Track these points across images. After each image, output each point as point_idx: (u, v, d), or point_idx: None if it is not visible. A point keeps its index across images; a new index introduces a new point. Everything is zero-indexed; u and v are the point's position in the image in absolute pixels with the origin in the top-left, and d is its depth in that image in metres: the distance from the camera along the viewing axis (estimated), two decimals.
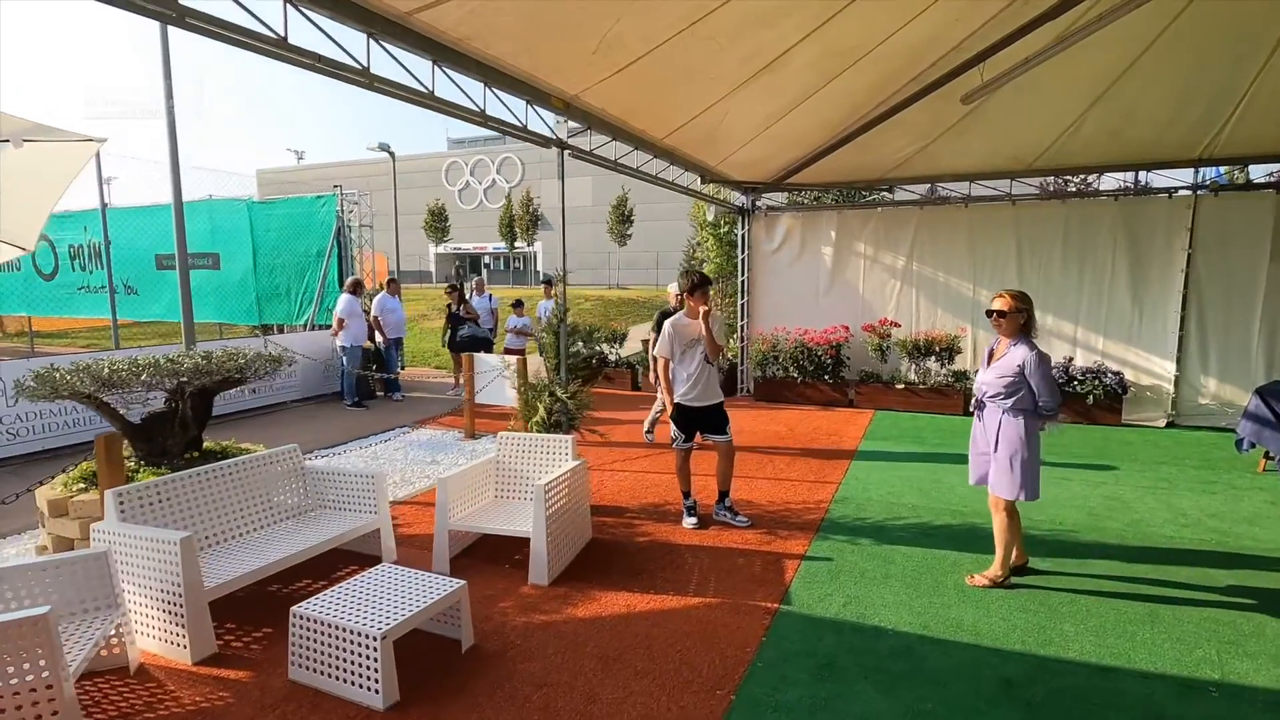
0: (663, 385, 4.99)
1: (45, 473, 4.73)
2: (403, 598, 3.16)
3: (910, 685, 3.08)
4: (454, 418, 8.69)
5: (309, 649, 3.06)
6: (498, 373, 7.50)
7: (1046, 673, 3.16)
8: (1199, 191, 7.95)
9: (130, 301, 13.27)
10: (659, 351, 5.00)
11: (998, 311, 3.83)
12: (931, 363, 8.90)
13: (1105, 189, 8.71)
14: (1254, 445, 6.01)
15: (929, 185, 9.18)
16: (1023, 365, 3.71)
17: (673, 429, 5.03)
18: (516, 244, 41.69)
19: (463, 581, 3.35)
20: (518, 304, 10.52)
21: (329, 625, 2.99)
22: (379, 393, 10.16)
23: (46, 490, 4.45)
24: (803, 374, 9.36)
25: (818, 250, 9.78)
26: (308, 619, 3.05)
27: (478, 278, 11.86)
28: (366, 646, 2.90)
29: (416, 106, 4.20)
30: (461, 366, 8.33)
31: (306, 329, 10.81)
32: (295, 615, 3.08)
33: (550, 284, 11.09)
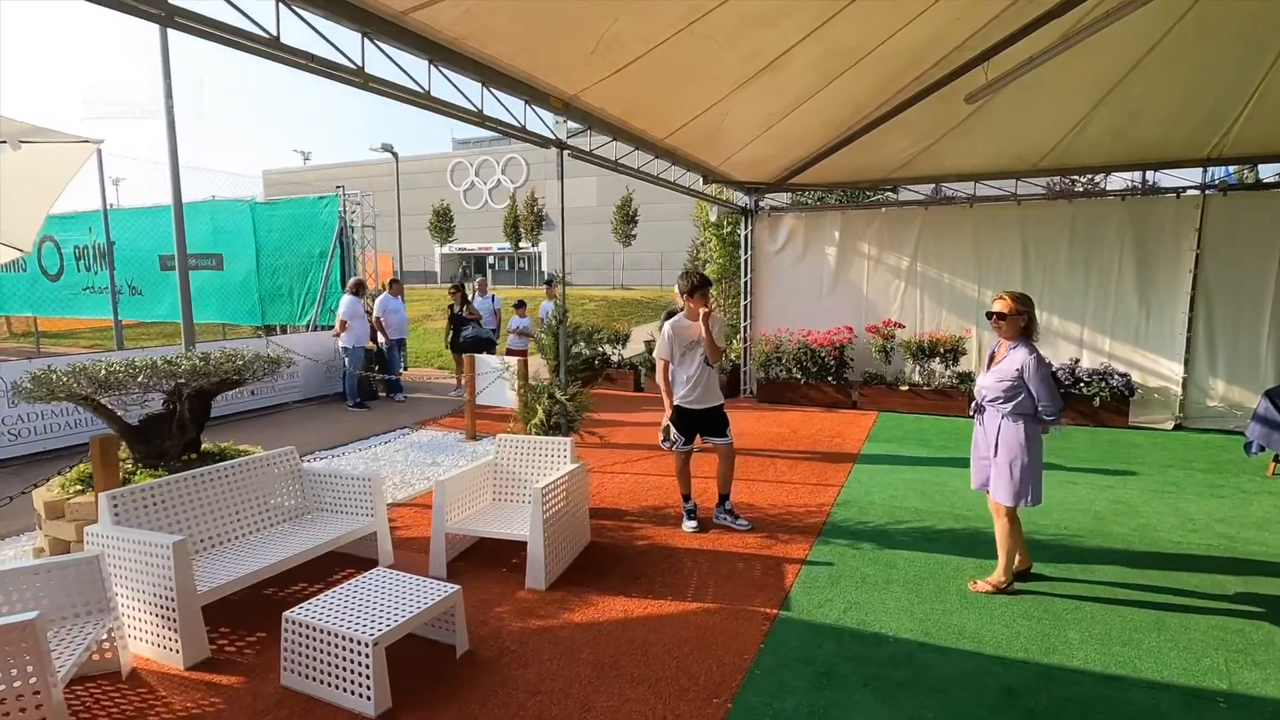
0: (662, 388, 4.95)
1: (46, 474, 4.72)
2: (396, 603, 3.13)
3: (911, 693, 3.03)
4: (455, 419, 8.66)
5: (301, 655, 3.03)
6: (498, 374, 7.47)
7: (1050, 681, 3.10)
8: (1207, 191, 7.85)
9: (134, 302, 13.31)
10: (658, 354, 4.96)
11: (997, 313, 3.77)
12: (936, 364, 8.83)
13: (1112, 189, 8.62)
14: (1263, 449, 5.93)
15: (933, 185, 9.11)
16: (1022, 369, 3.65)
17: (672, 431, 4.98)
18: (521, 244, 41.72)
19: (457, 587, 3.31)
20: (519, 305, 10.49)
21: (321, 631, 2.96)
22: (381, 394, 10.14)
23: (43, 492, 4.44)
24: (806, 375, 9.31)
25: (821, 251, 9.72)
26: (300, 624, 3.02)
27: (480, 278, 11.83)
28: (358, 653, 2.87)
29: (413, 107, 4.17)
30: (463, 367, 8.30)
31: (309, 330, 10.81)
32: (287, 620, 3.04)
33: (551, 284, 11.07)
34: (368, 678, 2.86)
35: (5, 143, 4.28)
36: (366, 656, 2.85)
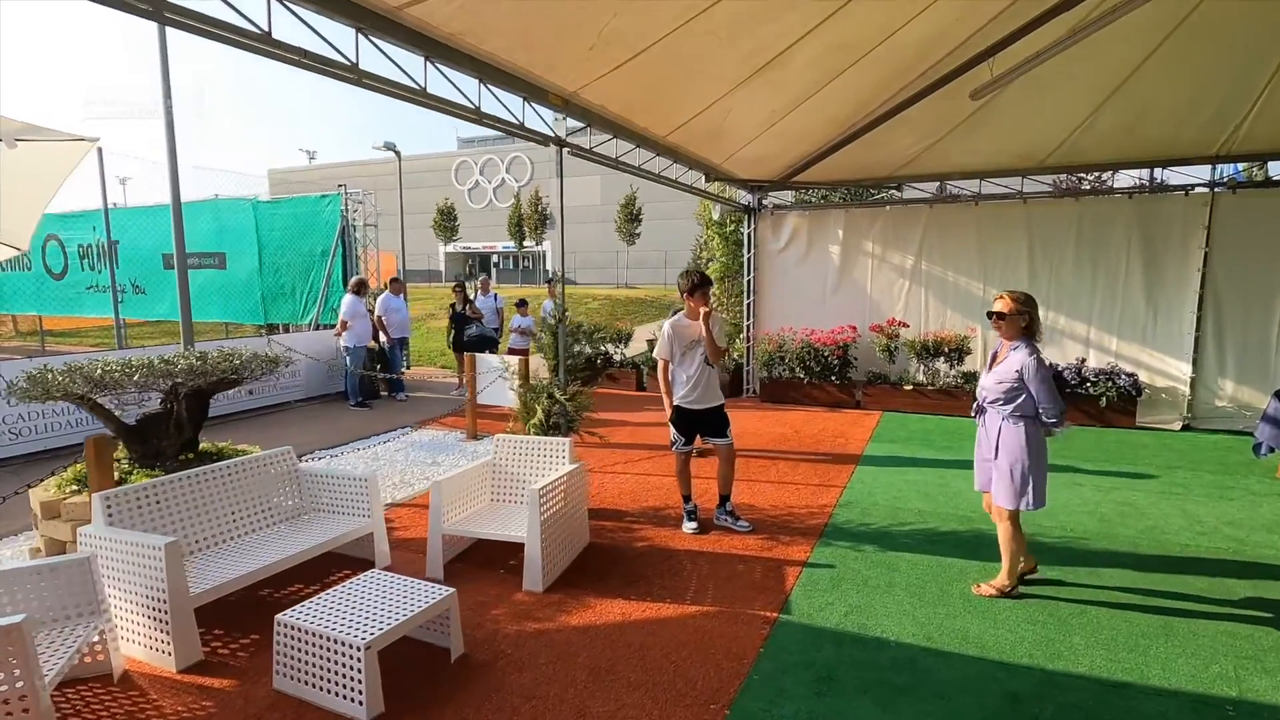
0: (662, 388, 4.90)
1: (45, 473, 4.70)
2: (390, 606, 3.09)
3: (912, 700, 2.97)
4: (457, 418, 8.63)
5: (293, 658, 2.99)
6: (498, 373, 7.43)
7: (1055, 688, 3.04)
8: (1216, 189, 7.75)
9: (138, 301, 13.33)
10: (658, 353, 4.91)
11: (997, 313, 3.71)
12: (940, 364, 8.75)
13: (1119, 187, 8.50)
14: (1273, 450, 5.84)
15: (938, 183, 9.02)
16: (1021, 370, 3.59)
17: (672, 432, 4.93)
18: (525, 243, 41.71)
19: (452, 590, 3.27)
20: (521, 303, 10.45)
21: (312, 634, 2.92)
22: (383, 393, 10.13)
23: (40, 492, 4.42)
24: (809, 375, 9.24)
25: (825, 249, 9.65)
26: (292, 627, 2.98)
27: (483, 276, 11.80)
28: (350, 657, 2.83)
29: (410, 104, 4.12)
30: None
31: (311, 329, 10.80)
32: (279, 623, 3.01)
33: (552, 283, 11.03)
34: (359, 682, 2.82)
35: (1, 141, 4.26)
36: (359, 660, 2.81)
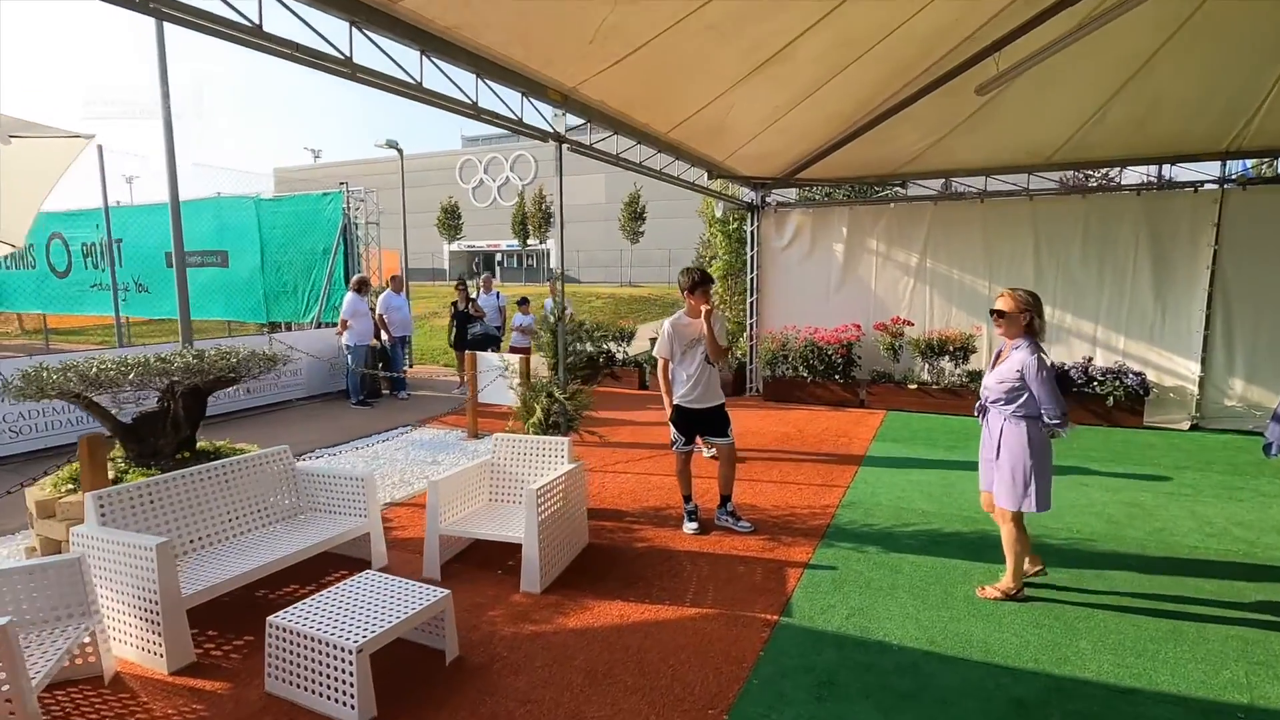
0: (662, 388, 4.84)
1: (40, 471, 4.67)
2: (384, 608, 3.04)
3: (915, 706, 2.91)
4: (458, 417, 8.59)
5: (285, 661, 2.95)
6: (498, 372, 7.38)
7: (1061, 694, 2.98)
8: (1226, 185, 7.64)
9: (141, 299, 13.34)
10: (658, 352, 4.85)
11: (998, 311, 3.64)
12: (945, 362, 8.67)
13: (1127, 183, 8.40)
14: None
15: (943, 180, 8.94)
16: (1022, 370, 3.52)
17: (672, 431, 4.88)
18: (529, 242, 41.67)
19: (447, 591, 3.22)
20: (523, 301, 10.41)
21: (304, 637, 2.88)
22: (385, 391, 10.10)
23: (35, 490, 4.39)
24: (813, 373, 9.17)
25: (829, 247, 9.57)
26: (283, 629, 2.94)
27: (486, 275, 11.74)
28: (342, 660, 2.78)
29: (404, 99, 4.07)
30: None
31: (313, 327, 10.77)
32: (271, 625, 2.97)
33: (553, 281, 10.98)
34: (351, 685, 2.77)
35: None
36: (350, 664, 2.76)
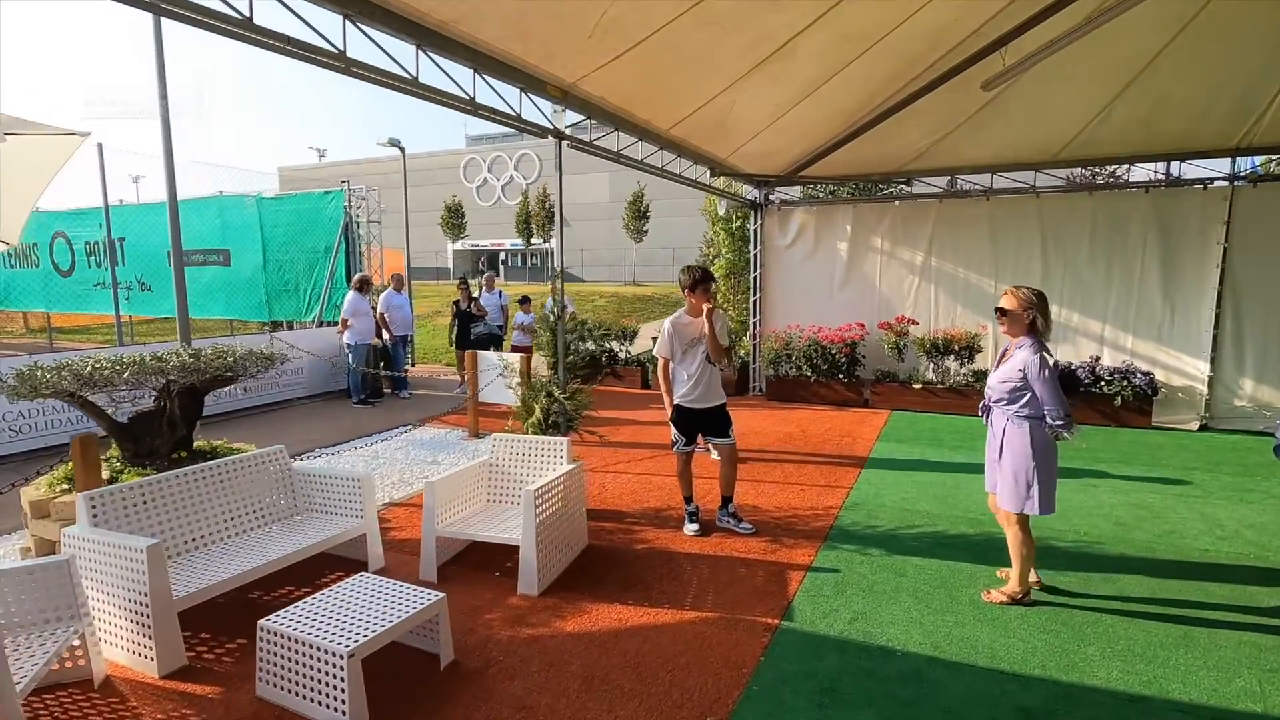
0: (662, 388, 4.78)
1: (33, 472, 4.63)
2: (377, 612, 2.99)
3: (918, 714, 2.84)
4: (459, 416, 8.54)
5: (276, 665, 2.90)
6: (497, 371, 7.32)
7: (1069, 702, 2.90)
8: (1236, 182, 7.54)
9: (144, 298, 13.34)
10: (658, 351, 4.78)
11: (1001, 309, 3.58)
12: (950, 362, 8.58)
13: (1135, 180, 8.30)
14: None
15: (948, 177, 8.85)
16: (1025, 370, 3.45)
17: (673, 431, 4.81)
18: (533, 240, 41.63)
19: (441, 595, 3.16)
20: (524, 300, 10.35)
21: (295, 641, 2.83)
22: (387, 390, 10.07)
23: (30, 490, 4.36)
24: (816, 373, 9.09)
25: (833, 245, 9.49)
26: (274, 633, 2.88)
27: (489, 273, 11.68)
28: (333, 665, 2.73)
29: (401, 94, 4.02)
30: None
31: (314, 326, 10.74)
32: (262, 629, 2.92)
33: (553, 279, 10.90)
34: (342, 691, 2.72)
35: None
36: (341, 669, 2.71)
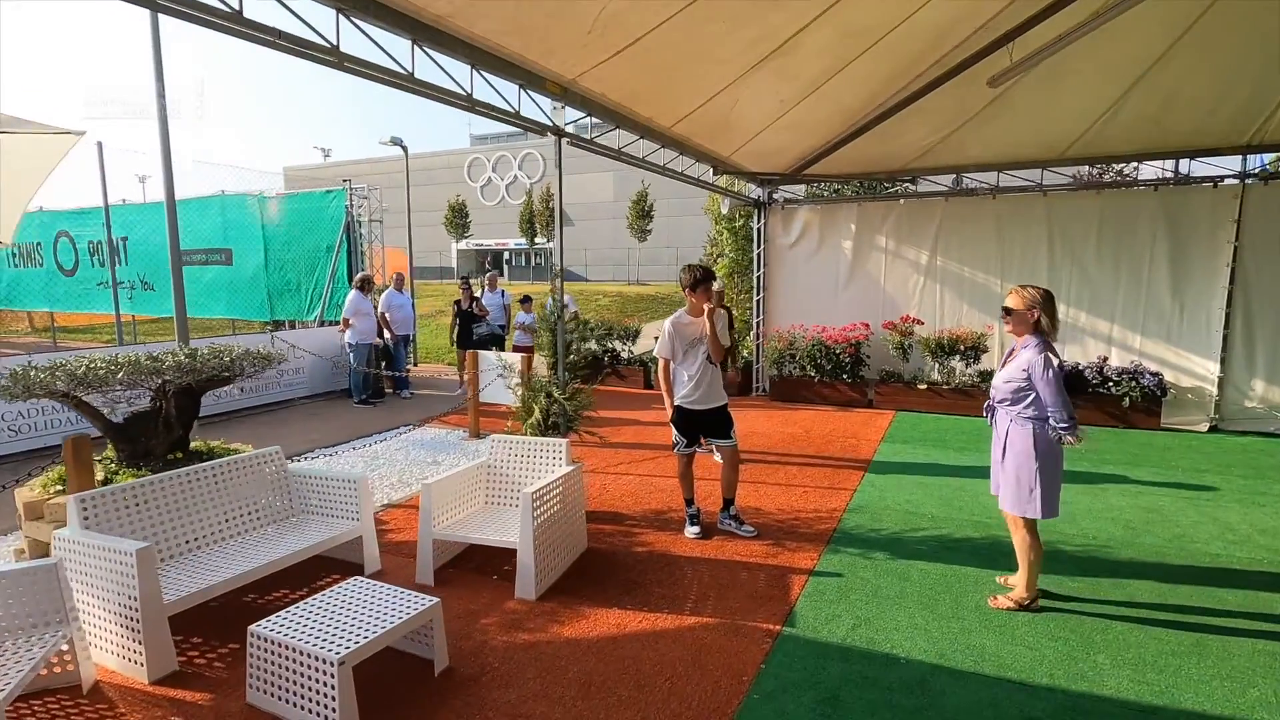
0: (663, 389, 4.71)
1: (25, 474, 4.60)
2: (370, 617, 2.93)
3: None
4: (460, 416, 8.49)
5: (267, 671, 2.84)
6: (496, 371, 7.26)
7: (1078, 713, 2.82)
8: (1247, 180, 7.43)
9: (147, 297, 13.34)
10: (658, 352, 4.71)
11: (1006, 309, 3.52)
12: (956, 362, 8.49)
13: (1144, 178, 8.20)
14: None
15: (954, 176, 8.75)
16: (1028, 370, 3.38)
17: (674, 433, 4.74)
18: (537, 240, 41.59)
19: (435, 600, 3.10)
20: (525, 300, 10.29)
21: (286, 647, 2.77)
22: (389, 390, 10.03)
23: (25, 492, 4.32)
24: (820, 373, 9.01)
25: (837, 244, 9.40)
26: (265, 639, 2.83)
27: (492, 273, 11.63)
28: (323, 672, 2.67)
29: (395, 89, 3.96)
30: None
31: (316, 325, 10.71)
32: (252, 634, 2.86)
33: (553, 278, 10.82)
34: (333, 699, 2.66)
35: None
36: (331, 676, 2.65)
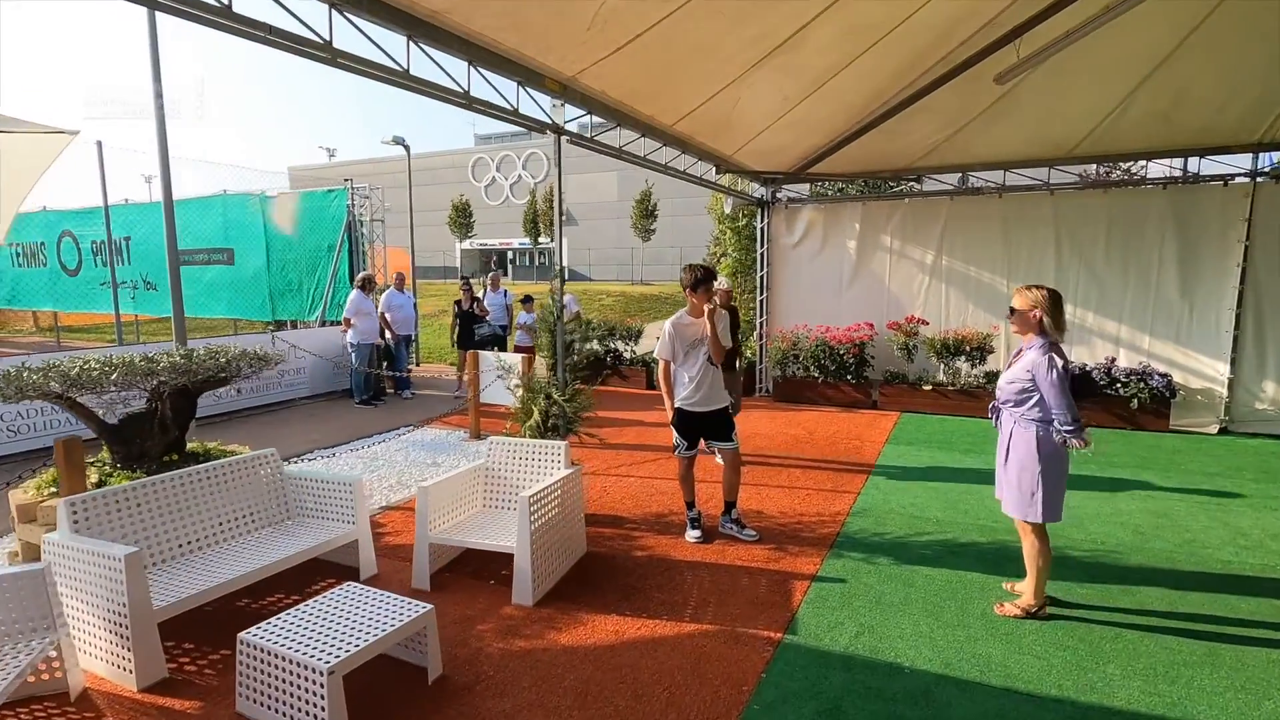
0: (663, 390, 4.64)
1: (16, 476, 4.56)
2: (362, 624, 2.87)
3: None
4: (461, 417, 8.44)
5: (256, 680, 2.78)
6: (495, 372, 7.20)
7: None
8: (1258, 178, 7.32)
9: (150, 297, 13.32)
10: (659, 353, 4.64)
11: (1012, 309, 3.45)
12: (961, 363, 8.39)
13: (1152, 177, 8.10)
14: None
15: (960, 174, 8.65)
16: (1032, 371, 3.30)
17: (674, 435, 4.67)
18: (541, 239, 41.56)
19: (430, 606, 3.04)
20: (527, 300, 10.22)
21: (275, 655, 2.71)
22: (390, 390, 9.98)
23: (18, 494, 4.28)
24: (824, 374, 8.93)
25: (841, 244, 9.32)
26: (254, 647, 2.77)
27: (495, 272, 11.56)
28: (313, 681, 2.61)
29: (390, 86, 3.90)
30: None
31: (317, 325, 10.67)
32: (241, 642, 2.80)
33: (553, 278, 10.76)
34: (323, 709, 2.60)
35: None
36: (321, 686, 2.59)
